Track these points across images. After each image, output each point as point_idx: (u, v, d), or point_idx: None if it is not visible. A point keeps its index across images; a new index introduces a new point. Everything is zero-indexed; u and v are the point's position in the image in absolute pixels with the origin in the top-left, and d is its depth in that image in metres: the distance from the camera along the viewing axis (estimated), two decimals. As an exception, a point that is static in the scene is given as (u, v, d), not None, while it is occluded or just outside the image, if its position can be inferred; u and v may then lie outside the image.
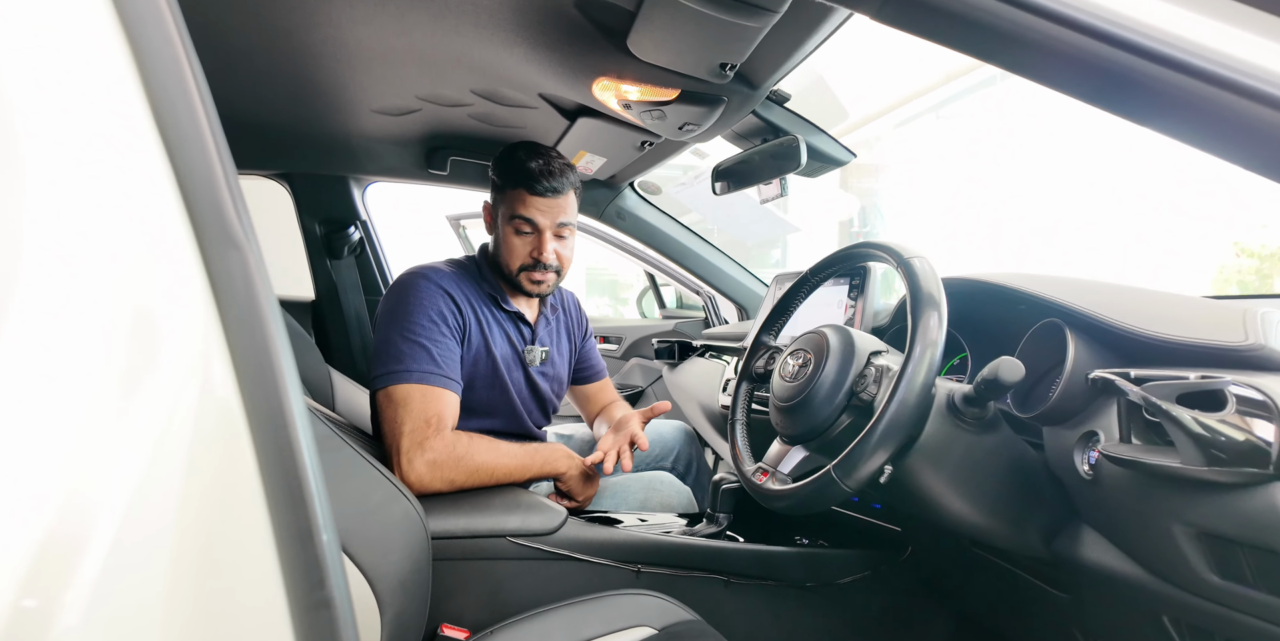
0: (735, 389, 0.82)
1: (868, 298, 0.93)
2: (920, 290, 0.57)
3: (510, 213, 0.93)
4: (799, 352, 0.69)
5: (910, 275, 0.59)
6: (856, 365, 0.62)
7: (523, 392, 1.02)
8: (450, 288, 0.92)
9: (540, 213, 0.93)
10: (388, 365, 0.85)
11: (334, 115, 1.13)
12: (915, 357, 0.53)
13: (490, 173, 0.98)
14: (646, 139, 1.17)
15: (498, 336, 0.97)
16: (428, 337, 0.87)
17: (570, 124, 1.14)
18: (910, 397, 0.52)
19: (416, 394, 0.84)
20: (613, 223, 1.56)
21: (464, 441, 0.84)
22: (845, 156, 1.01)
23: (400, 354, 0.85)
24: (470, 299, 0.94)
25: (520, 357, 1.01)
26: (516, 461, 0.87)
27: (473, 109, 1.13)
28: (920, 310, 0.55)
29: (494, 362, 0.96)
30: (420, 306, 0.88)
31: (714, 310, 1.82)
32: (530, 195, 0.92)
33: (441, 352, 0.88)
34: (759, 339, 0.83)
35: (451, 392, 0.87)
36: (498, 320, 0.98)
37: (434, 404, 0.84)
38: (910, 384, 0.52)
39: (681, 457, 1.29)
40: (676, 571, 0.85)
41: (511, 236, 0.94)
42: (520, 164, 0.92)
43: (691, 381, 1.44)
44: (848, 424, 0.61)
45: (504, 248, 0.96)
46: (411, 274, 0.93)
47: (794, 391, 0.65)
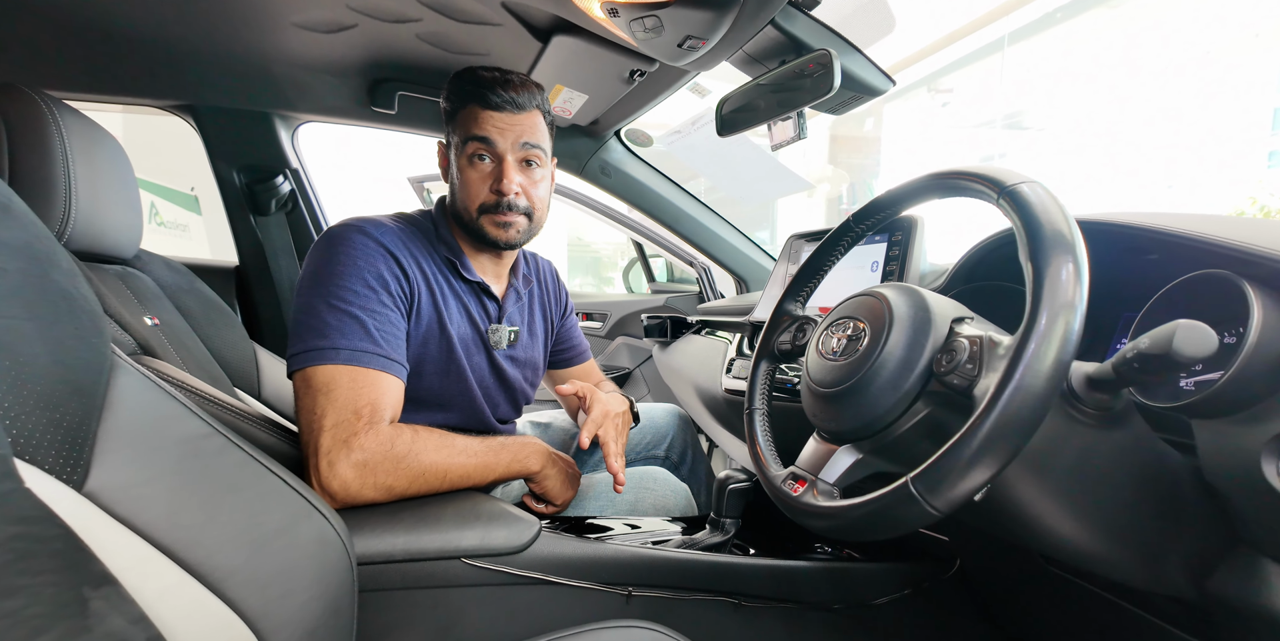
0: (752, 370, 0.64)
1: (912, 257, 0.76)
2: (1041, 228, 0.39)
3: (464, 136, 0.75)
4: (846, 322, 0.51)
5: (1021, 208, 0.41)
6: (935, 337, 0.45)
7: (485, 381, 0.83)
8: (395, 247, 0.73)
9: (498, 131, 0.74)
10: (308, 340, 0.66)
11: (244, 30, 0.90)
12: (1042, 326, 0.36)
13: (442, 103, 0.79)
14: (637, 68, 0.96)
15: (455, 311, 0.79)
16: (362, 307, 0.68)
17: (543, 46, 0.93)
18: (1036, 383, 0.35)
19: (344, 378, 0.65)
20: (595, 179, 1.36)
21: (406, 437, 0.65)
22: (883, 83, 0.82)
23: (325, 326, 0.66)
24: (421, 263, 0.76)
25: (483, 339, 0.82)
26: (477, 459, 0.70)
27: (422, 26, 0.91)
28: (1044, 256, 0.38)
29: (449, 343, 0.77)
30: (354, 267, 0.70)
31: (709, 283, 1.64)
32: (484, 110, 0.73)
33: (380, 326, 0.69)
34: (783, 307, 0.65)
35: (392, 377, 0.68)
36: (456, 292, 0.79)
37: (367, 390, 0.65)
38: (1036, 363, 0.35)
39: (675, 444, 1.12)
40: (676, 594, 0.69)
41: (467, 169, 0.76)
42: (472, 76, 0.74)
43: (687, 362, 1.27)
44: (924, 417, 0.44)
45: (460, 188, 0.77)
46: (345, 226, 0.73)
47: (842, 373, 0.48)
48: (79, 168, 0.71)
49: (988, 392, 0.36)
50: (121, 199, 0.79)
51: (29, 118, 0.69)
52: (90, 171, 0.72)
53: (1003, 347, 0.39)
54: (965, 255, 0.68)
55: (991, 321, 0.48)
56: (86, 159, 0.72)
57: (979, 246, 0.66)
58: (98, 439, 0.42)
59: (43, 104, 0.68)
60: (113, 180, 0.76)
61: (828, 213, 7.45)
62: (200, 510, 0.45)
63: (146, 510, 0.42)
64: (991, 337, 0.41)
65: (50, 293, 0.43)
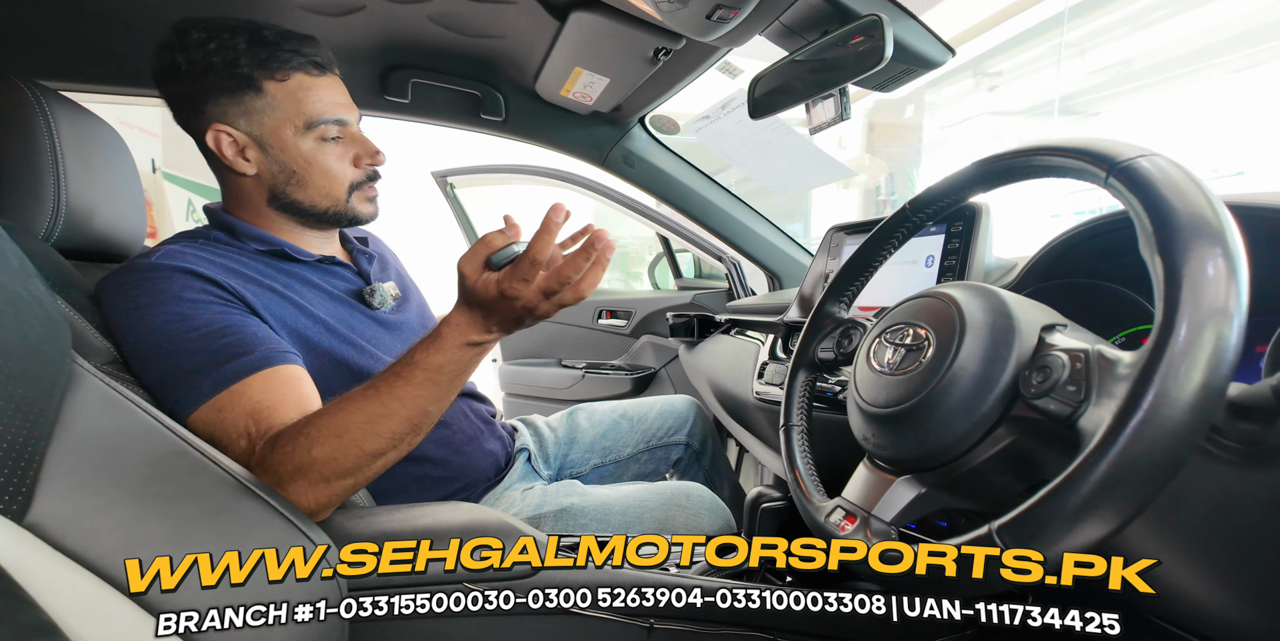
0: (789, 380, 0.57)
1: (976, 250, 0.66)
2: (1173, 211, 0.30)
3: (300, 117, 0.63)
4: (903, 329, 0.43)
5: (1141, 188, 0.32)
6: (1020, 349, 0.37)
7: (392, 351, 0.72)
8: (195, 268, 0.60)
9: (340, 99, 0.66)
10: (169, 392, 0.56)
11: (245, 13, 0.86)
12: (1182, 339, 0.27)
13: (183, 73, 0.62)
14: (662, 46, 0.89)
15: (311, 294, 0.68)
16: (195, 325, 0.57)
17: (561, 25, 0.86)
18: (1174, 415, 0.27)
19: (214, 408, 0.55)
20: (618, 170, 1.29)
21: (296, 432, 0.53)
22: (941, 53, 0.73)
23: (172, 370, 0.56)
24: (236, 272, 0.63)
25: (364, 308, 0.72)
26: (380, 406, 0.53)
27: (432, 6, 0.86)
28: (1179, 247, 0.29)
29: (327, 326, 0.67)
30: (158, 299, 0.58)
31: (739, 279, 1.56)
32: (312, 76, 0.64)
33: (226, 329, 0.58)
34: (824, 309, 0.57)
35: (266, 369, 0.57)
36: (300, 277, 0.69)
37: (240, 403, 0.55)
38: (1173, 388, 0.27)
39: (696, 432, 1.06)
40: (703, 627, 0.62)
41: (318, 153, 0.65)
42: (252, 39, 0.61)
43: (715, 364, 1.20)
44: (1007, 446, 0.36)
45: (307, 175, 0.66)
46: (116, 275, 0.61)
47: (902, 391, 0.40)
48: (70, 160, 0.67)
49: (1103, 425, 0.28)
50: (120, 193, 0.75)
51: (12, 105, 0.65)
52: (83, 164, 0.68)
53: (1123, 366, 0.30)
54: (1045, 247, 0.58)
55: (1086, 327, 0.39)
56: (78, 150, 0.68)
57: (1065, 237, 0.56)
58: (45, 462, 0.37)
59: (27, 91, 0.65)
60: (109, 173, 0.73)
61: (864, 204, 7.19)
62: (167, 540, 0.40)
63: (101, 542, 0.37)
64: (1102, 353, 0.32)
65: None
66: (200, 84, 0.62)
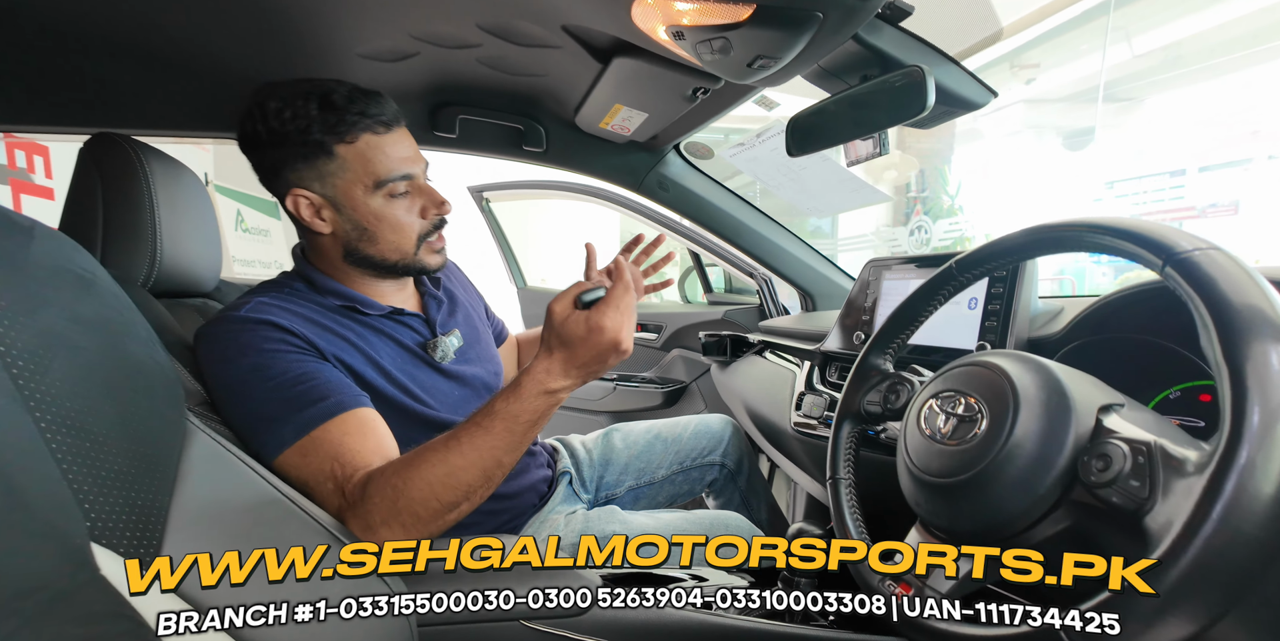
0: (834, 431, 0.58)
1: (1020, 296, 0.66)
2: (1230, 306, 0.31)
3: (369, 177, 0.67)
4: (954, 398, 0.45)
5: (1199, 282, 0.33)
6: (1078, 430, 0.38)
7: (449, 399, 0.77)
8: (276, 319, 0.65)
9: (407, 153, 0.69)
10: (254, 437, 0.61)
11: (312, 63, 0.91)
12: (1253, 437, 0.28)
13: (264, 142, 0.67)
14: (700, 85, 0.91)
15: (380, 344, 0.72)
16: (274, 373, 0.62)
17: (603, 67, 0.89)
18: (1252, 521, 0.27)
19: (299, 452, 0.60)
20: (652, 194, 1.31)
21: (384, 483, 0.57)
22: (982, 96, 0.73)
23: (256, 417, 0.61)
24: (313, 322, 0.68)
25: (427, 360, 0.76)
26: (460, 457, 0.57)
27: (482, 51, 0.89)
28: (1240, 343, 0.30)
29: (389, 376, 0.71)
30: (242, 351, 0.63)
31: (770, 295, 1.56)
32: (378, 135, 0.67)
33: (301, 376, 0.62)
34: (869, 361, 0.58)
35: (343, 414, 0.61)
36: (372, 327, 0.73)
37: (323, 448, 0.60)
38: (1247, 496, 0.27)
39: (731, 452, 1.08)
40: None
41: (387, 209, 0.69)
42: (322, 105, 0.65)
43: (749, 387, 1.21)
44: (1066, 528, 0.37)
45: (378, 231, 0.70)
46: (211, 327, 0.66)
47: (956, 462, 0.41)
48: (163, 211, 0.74)
49: (1173, 530, 0.29)
50: (201, 235, 0.82)
51: (120, 165, 0.72)
52: (173, 213, 0.75)
53: (1190, 465, 0.31)
54: (1100, 302, 0.59)
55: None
56: (170, 201, 0.75)
57: (1121, 295, 0.57)
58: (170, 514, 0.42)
59: (131, 151, 0.71)
60: (194, 218, 0.79)
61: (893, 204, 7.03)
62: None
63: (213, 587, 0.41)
64: (1165, 449, 0.33)
65: (127, 366, 0.43)
66: (279, 152, 0.67)
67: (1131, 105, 5.69)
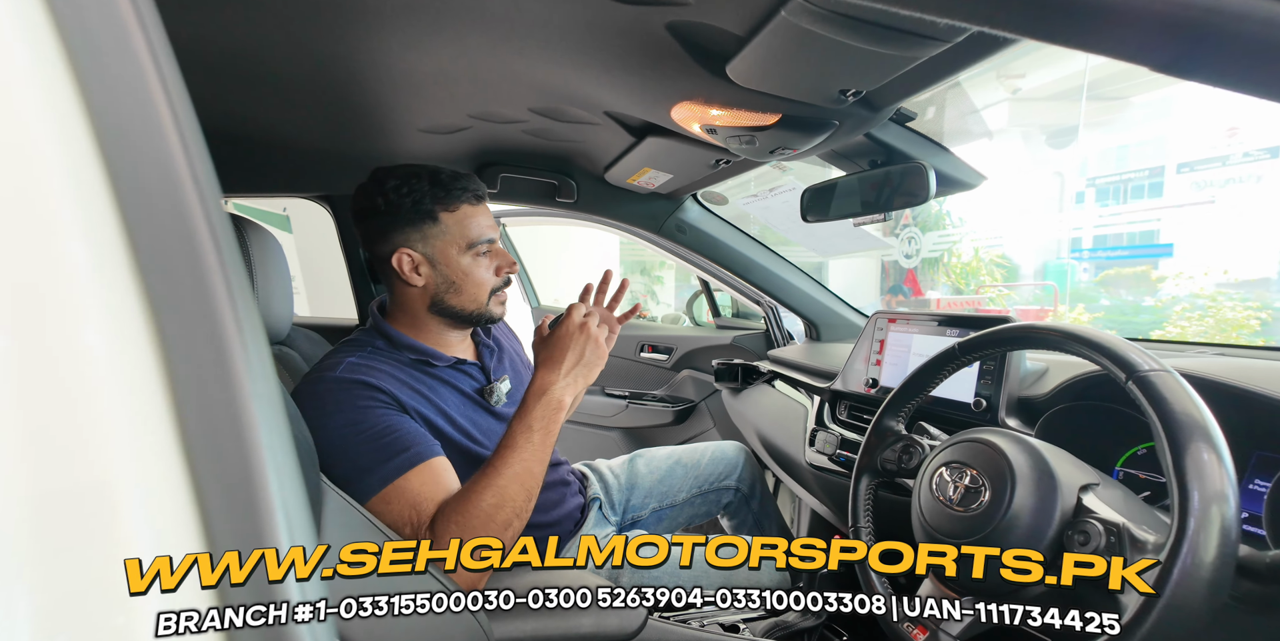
0: (854, 485, 0.69)
1: (1013, 358, 0.77)
2: (1175, 417, 0.42)
3: (463, 240, 0.80)
4: (961, 469, 0.55)
5: (1153, 396, 0.43)
6: (1063, 506, 0.48)
7: None
8: (366, 379, 0.75)
9: (490, 222, 0.82)
10: (347, 485, 0.71)
11: (378, 137, 1.01)
12: (1192, 528, 0.38)
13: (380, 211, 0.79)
14: (723, 157, 1.01)
15: (447, 393, 0.84)
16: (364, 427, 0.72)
17: (636, 141, 0.99)
18: (1194, 599, 0.38)
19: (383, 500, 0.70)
20: (671, 236, 1.42)
21: (447, 521, 0.68)
22: (975, 179, 0.84)
23: (350, 467, 0.71)
24: (393, 377, 0.78)
25: (485, 406, 0.88)
26: (499, 477, 0.69)
27: (528, 125, 0.99)
28: (1181, 443, 0.40)
29: (454, 423, 0.82)
30: (339, 408, 0.73)
31: (776, 323, 1.67)
32: (473, 206, 0.81)
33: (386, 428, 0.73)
34: (884, 423, 0.69)
35: (420, 464, 0.72)
36: (440, 379, 0.84)
37: (403, 497, 0.70)
38: (1190, 580, 0.38)
39: (745, 477, 1.18)
40: None
41: (474, 268, 0.82)
42: (432, 182, 0.78)
43: (760, 415, 1.31)
44: (1052, 589, 0.48)
45: (463, 284, 0.82)
46: (310, 386, 0.76)
47: (965, 527, 0.52)
48: (258, 272, 0.83)
49: (1135, 604, 0.39)
50: (280, 290, 0.90)
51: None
52: (264, 275, 0.83)
53: (1150, 546, 0.42)
54: (1079, 376, 0.69)
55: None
56: (262, 265, 0.83)
57: (1098, 373, 0.67)
58: None
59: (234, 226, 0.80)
60: (276, 276, 0.88)
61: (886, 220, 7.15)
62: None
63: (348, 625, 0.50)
64: (1131, 533, 0.43)
65: None
66: (393, 218, 0.79)
67: (1114, 104, 5.80)
